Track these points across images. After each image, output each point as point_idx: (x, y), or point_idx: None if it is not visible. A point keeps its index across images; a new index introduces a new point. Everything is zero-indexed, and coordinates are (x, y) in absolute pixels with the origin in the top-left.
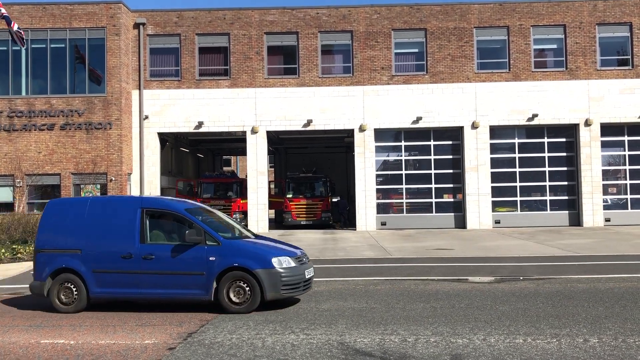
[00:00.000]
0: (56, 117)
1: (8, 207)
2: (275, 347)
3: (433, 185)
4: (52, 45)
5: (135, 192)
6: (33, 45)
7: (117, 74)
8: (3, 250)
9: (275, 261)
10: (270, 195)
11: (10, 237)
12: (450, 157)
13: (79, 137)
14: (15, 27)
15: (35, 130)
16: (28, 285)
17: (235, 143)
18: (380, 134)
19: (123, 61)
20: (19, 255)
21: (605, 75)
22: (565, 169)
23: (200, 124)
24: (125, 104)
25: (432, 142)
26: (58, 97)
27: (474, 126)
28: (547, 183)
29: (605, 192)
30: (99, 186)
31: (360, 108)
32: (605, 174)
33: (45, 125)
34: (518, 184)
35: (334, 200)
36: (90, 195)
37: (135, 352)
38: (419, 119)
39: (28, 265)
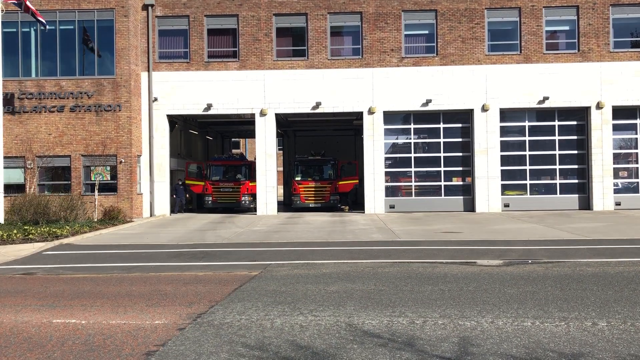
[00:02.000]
0: (66, 99)
1: (19, 188)
2: (284, 328)
3: (442, 169)
4: (61, 27)
5: (144, 174)
6: (42, 27)
7: (126, 56)
8: (15, 231)
9: None
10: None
11: (22, 218)
12: (460, 140)
13: (89, 119)
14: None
15: (46, 112)
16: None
17: (244, 125)
18: (390, 116)
19: (132, 43)
20: (30, 236)
21: (618, 58)
22: (575, 152)
23: (209, 106)
24: (134, 86)
25: (441, 125)
26: (67, 79)
27: (484, 109)
28: (557, 166)
29: (616, 176)
30: (108, 168)
31: (369, 90)
32: (616, 158)
33: (55, 107)
34: (528, 167)
35: (350, 182)
36: (100, 177)
37: (145, 332)
38: (428, 101)
39: (39, 246)
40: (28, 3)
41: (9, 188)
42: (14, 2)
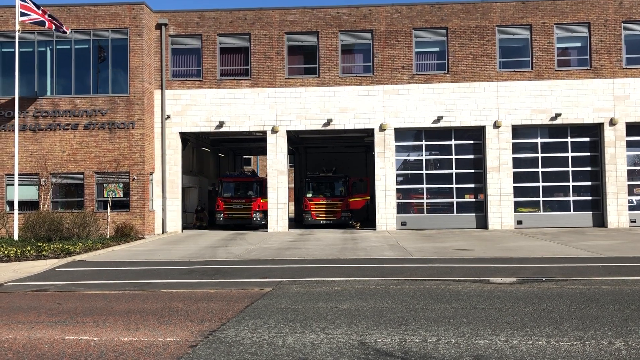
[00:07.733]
0: (80, 116)
1: (33, 205)
2: (296, 346)
3: (454, 185)
4: (76, 46)
5: (157, 191)
6: (58, 47)
7: (139, 74)
8: (29, 248)
9: None
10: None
11: (36, 235)
12: (472, 156)
13: (102, 137)
14: (47, 21)
15: (60, 129)
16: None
17: (255, 142)
18: (401, 133)
19: (145, 61)
20: (43, 252)
21: (631, 74)
22: (589, 169)
23: (221, 124)
24: (147, 103)
25: (453, 142)
26: (82, 97)
27: (496, 125)
28: (571, 183)
29: (630, 193)
30: (121, 185)
31: (380, 107)
32: (631, 174)
33: (70, 124)
34: (541, 184)
35: (361, 199)
36: (113, 194)
37: (157, 349)
38: (439, 118)
39: (52, 263)
40: (49, 18)
41: (23, 205)
42: (36, 22)
